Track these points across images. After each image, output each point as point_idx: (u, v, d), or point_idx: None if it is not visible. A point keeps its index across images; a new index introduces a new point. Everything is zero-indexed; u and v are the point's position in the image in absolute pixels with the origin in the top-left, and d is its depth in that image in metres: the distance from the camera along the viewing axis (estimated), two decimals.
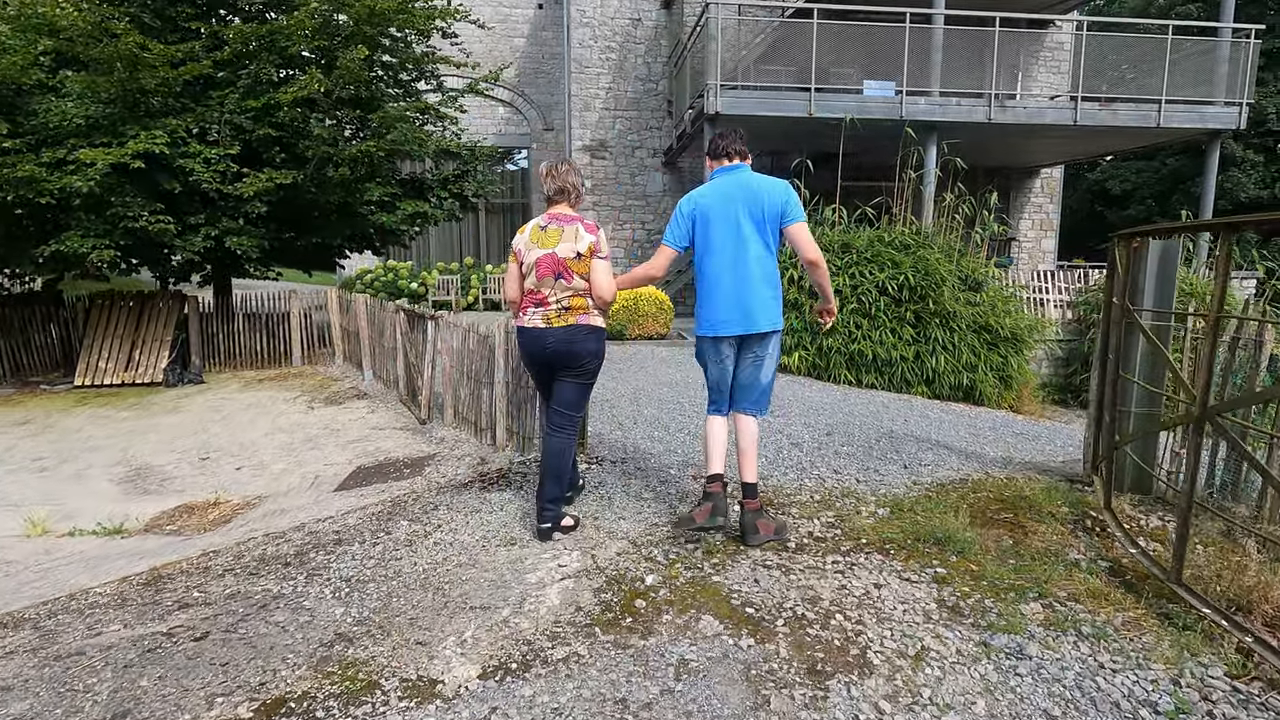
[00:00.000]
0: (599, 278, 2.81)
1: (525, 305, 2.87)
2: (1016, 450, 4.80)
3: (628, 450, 4.18)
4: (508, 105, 16.07)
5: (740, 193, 2.76)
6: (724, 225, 2.76)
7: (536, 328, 2.83)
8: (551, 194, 2.88)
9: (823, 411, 5.31)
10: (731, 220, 2.75)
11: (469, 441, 5.15)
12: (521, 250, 2.85)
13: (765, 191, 2.75)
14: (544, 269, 2.78)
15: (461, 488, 3.77)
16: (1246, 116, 8.85)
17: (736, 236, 2.75)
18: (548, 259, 2.78)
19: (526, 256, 2.83)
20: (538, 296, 2.82)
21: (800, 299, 7.28)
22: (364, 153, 7.17)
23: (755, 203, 2.74)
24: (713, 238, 2.78)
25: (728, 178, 2.82)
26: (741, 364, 2.87)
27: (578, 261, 2.77)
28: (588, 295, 2.82)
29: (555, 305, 2.80)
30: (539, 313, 2.83)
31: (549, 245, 2.79)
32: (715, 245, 2.78)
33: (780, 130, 9.66)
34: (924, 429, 5.13)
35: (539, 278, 2.79)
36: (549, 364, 2.89)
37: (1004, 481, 3.56)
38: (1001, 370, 7.23)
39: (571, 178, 2.88)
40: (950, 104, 8.67)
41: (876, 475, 3.68)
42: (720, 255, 2.77)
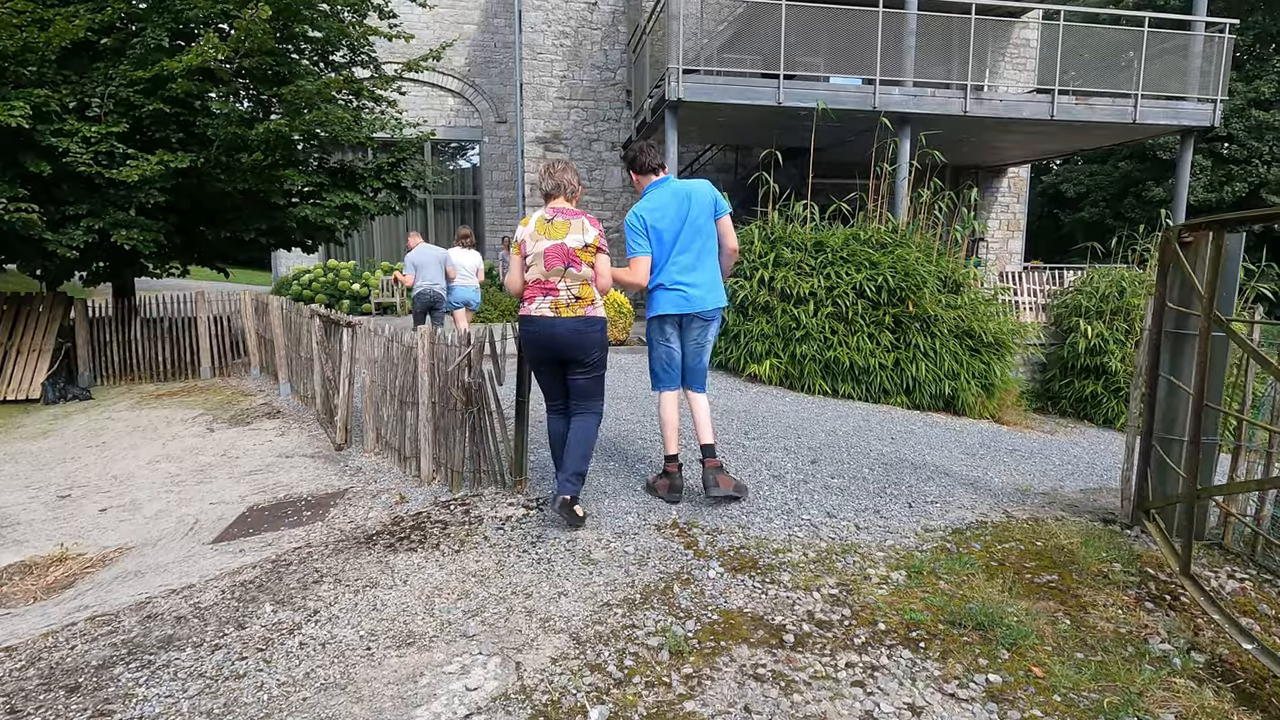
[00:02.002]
0: (601, 269, 2.94)
1: (531, 295, 2.91)
2: (1020, 473, 4.24)
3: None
4: (458, 96, 15.13)
5: (679, 198, 3.10)
6: (672, 229, 3.09)
7: (545, 316, 2.87)
8: (549, 190, 2.99)
9: (802, 431, 4.66)
10: (678, 223, 3.09)
11: (391, 472, 4.34)
12: (526, 242, 2.90)
13: (698, 191, 3.14)
14: (552, 259, 2.86)
15: (365, 543, 2.97)
16: (1221, 114, 8.64)
17: (684, 235, 3.09)
18: (556, 249, 2.86)
19: (532, 248, 2.89)
20: (546, 285, 2.88)
21: (772, 301, 6.65)
22: (275, 133, 6.23)
23: (694, 203, 3.10)
24: (665, 241, 3.10)
25: (662, 189, 3.14)
26: (687, 345, 3.21)
27: (585, 251, 2.89)
28: (593, 284, 2.93)
29: (565, 294, 2.87)
30: (547, 301, 2.87)
31: (557, 236, 2.87)
32: (668, 246, 3.10)
33: (746, 121, 9.05)
34: (915, 450, 4.53)
35: (547, 268, 2.86)
36: (558, 355, 2.91)
37: (1030, 525, 2.95)
38: (984, 378, 6.74)
39: (568, 175, 2.99)
40: (925, 95, 8.19)
41: (878, 519, 3.03)
42: (673, 252, 3.10)
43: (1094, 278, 8.24)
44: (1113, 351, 7.59)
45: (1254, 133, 18.15)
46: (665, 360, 3.19)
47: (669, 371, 3.20)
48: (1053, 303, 8.90)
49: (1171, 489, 2.75)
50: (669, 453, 3.17)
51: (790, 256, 6.80)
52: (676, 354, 3.18)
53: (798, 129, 8.21)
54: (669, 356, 3.18)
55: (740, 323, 6.75)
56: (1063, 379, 8.09)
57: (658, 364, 3.22)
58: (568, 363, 2.93)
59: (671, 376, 3.21)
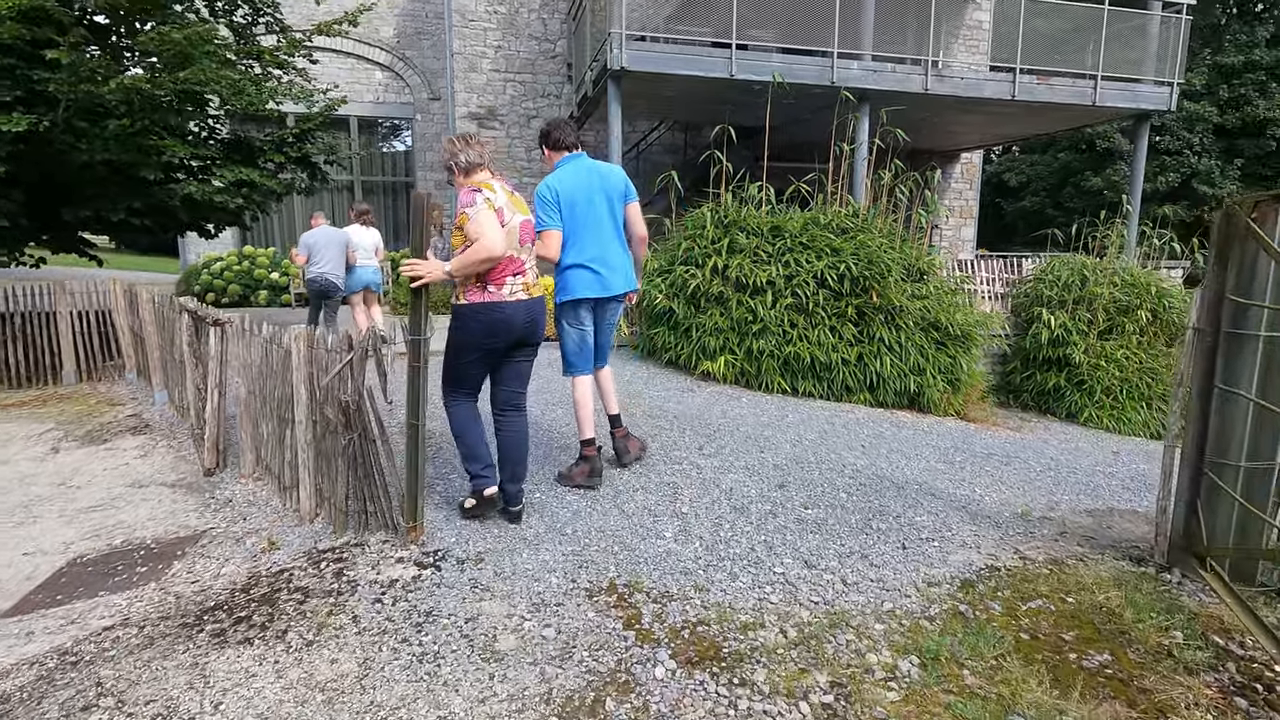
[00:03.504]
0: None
1: (502, 277, 2.58)
2: (1007, 485, 3.74)
3: (488, 533, 2.70)
4: (386, 70, 13.91)
5: (591, 176, 3.01)
6: (585, 204, 2.97)
7: (519, 300, 2.62)
8: (474, 161, 2.68)
9: (764, 443, 4.04)
10: (590, 200, 2.98)
11: (268, 505, 3.51)
12: (504, 209, 2.59)
13: (611, 174, 3.07)
14: (525, 234, 2.68)
15: (191, 626, 2.17)
16: (1177, 98, 8.47)
17: (596, 213, 2.99)
18: (527, 224, 2.70)
19: (510, 219, 2.60)
20: (517, 264, 2.64)
21: (726, 292, 6.02)
22: (137, 92, 5.19)
23: (606, 183, 3.03)
24: (576, 216, 2.96)
25: (575, 164, 3.02)
26: (601, 325, 3.16)
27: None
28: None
29: (531, 274, 2.71)
30: (520, 282, 2.64)
31: (524, 210, 2.69)
32: (579, 222, 2.97)
33: (696, 96, 8.37)
34: (890, 460, 3.98)
35: (520, 244, 2.64)
36: (517, 341, 2.67)
37: (1051, 572, 2.38)
38: (950, 372, 6.29)
39: (483, 145, 2.74)
40: (884, 71, 7.70)
41: (869, 568, 2.41)
42: (584, 230, 2.98)
43: (1055, 266, 7.94)
44: (1075, 343, 7.29)
45: (1186, 124, 18.61)
46: (579, 344, 3.08)
47: (583, 356, 3.11)
48: (1013, 292, 8.59)
49: (1223, 524, 2.23)
50: (585, 437, 3.10)
51: (745, 242, 6.18)
52: (590, 337, 3.10)
53: (751, 106, 7.60)
54: (583, 340, 3.08)
55: (692, 315, 6.10)
56: (1024, 371, 7.78)
57: (571, 350, 3.10)
58: (516, 348, 2.70)
59: (586, 360, 3.13)
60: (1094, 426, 7.06)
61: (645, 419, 4.43)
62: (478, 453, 2.71)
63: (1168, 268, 8.81)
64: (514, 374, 2.74)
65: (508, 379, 2.74)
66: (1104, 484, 4.27)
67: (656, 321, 6.41)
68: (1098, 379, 7.17)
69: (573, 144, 3.05)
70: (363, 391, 2.59)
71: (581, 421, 3.10)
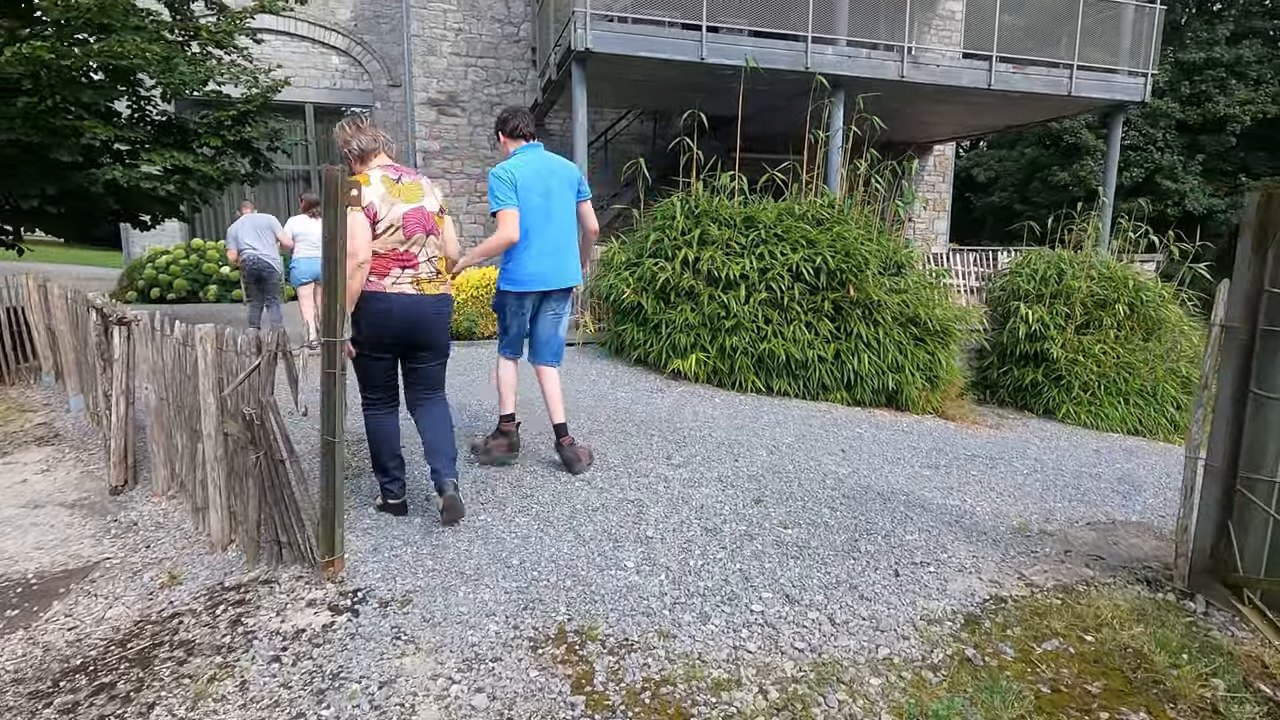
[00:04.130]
0: (450, 234, 2.66)
1: (384, 268, 2.43)
2: (996, 492, 3.48)
3: (420, 565, 2.32)
4: (343, 55, 13.26)
5: (546, 167, 2.99)
6: (536, 194, 2.92)
7: (406, 294, 2.45)
8: (368, 146, 2.54)
9: (738, 449, 3.72)
10: (542, 190, 2.94)
11: (179, 529, 3.08)
12: (376, 204, 2.40)
13: (565, 168, 3.06)
14: (414, 226, 2.47)
15: (43, 696, 1.77)
16: (1150, 89, 8.38)
17: (547, 204, 2.96)
18: (417, 214, 2.48)
19: (386, 212, 2.41)
20: (404, 257, 2.45)
21: (697, 286, 5.69)
22: (40, 64, 4.64)
23: (560, 177, 3.02)
24: (532, 204, 2.91)
25: (531, 154, 3.00)
26: (542, 319, 3.11)
27: (440, 217, 2.59)
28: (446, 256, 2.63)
29: (428, 268, 2.52)
30: (408, 275, 2.46)
31: (414, 199, 2.50)
32: (531, 213, 2.91)
33: (665, 82, 8.02)
34: (872, 466, 3.70)
35: (408, 235, 2.45)
36: (409, 339, 2.52)
37: (1064, 604, 2.10)
38: (929, 369, 6.06)
39: (378, 130, 2.61)
40: (859, 57, 7.43)
41: (860, 602, 2.10)
42: (535, 221, 2.92)
43: (1031, 259, 7.78)
44: (1053, 337, 7.12)
45: (1149, 120, 18.83)
46: (518, 333, 3.10)
47: (516, 344, 3.13)
48: (988, 285, 8.43)
49: (1256, 546, 1.96)
50: (505, 412, 3.11)
51: (717, 234, 5.86)
52: (527, 327, 3.12)
53: (723, 93, 7.28)
54: (521, 330, 3.10)
55: (661, 311, 5.76)
56: (1001, 366, 7.60)
57: (511, 335, 3.10)
58: (418, 348, 2.56)
59: (517, 350, 3.15)
60: (1072, 423, 6.91)
61: (610, 424, 4.08)
62: (382, 463, 2.62)
63: (1141, 261, 8.74)
64: (418, 377, 2.61)
65: (413, 382, 2.62)
66: (1093, 487, 4.06)
67: (624, 317, 6.07)
68: (1076, 374, 7.02)
69: (530, 134, 3.04)
70: (265, 403, 2.19)
71: (503, 397, 3.10)
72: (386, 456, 2.59)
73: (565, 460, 3.13)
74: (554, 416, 3.13)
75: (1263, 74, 19.06)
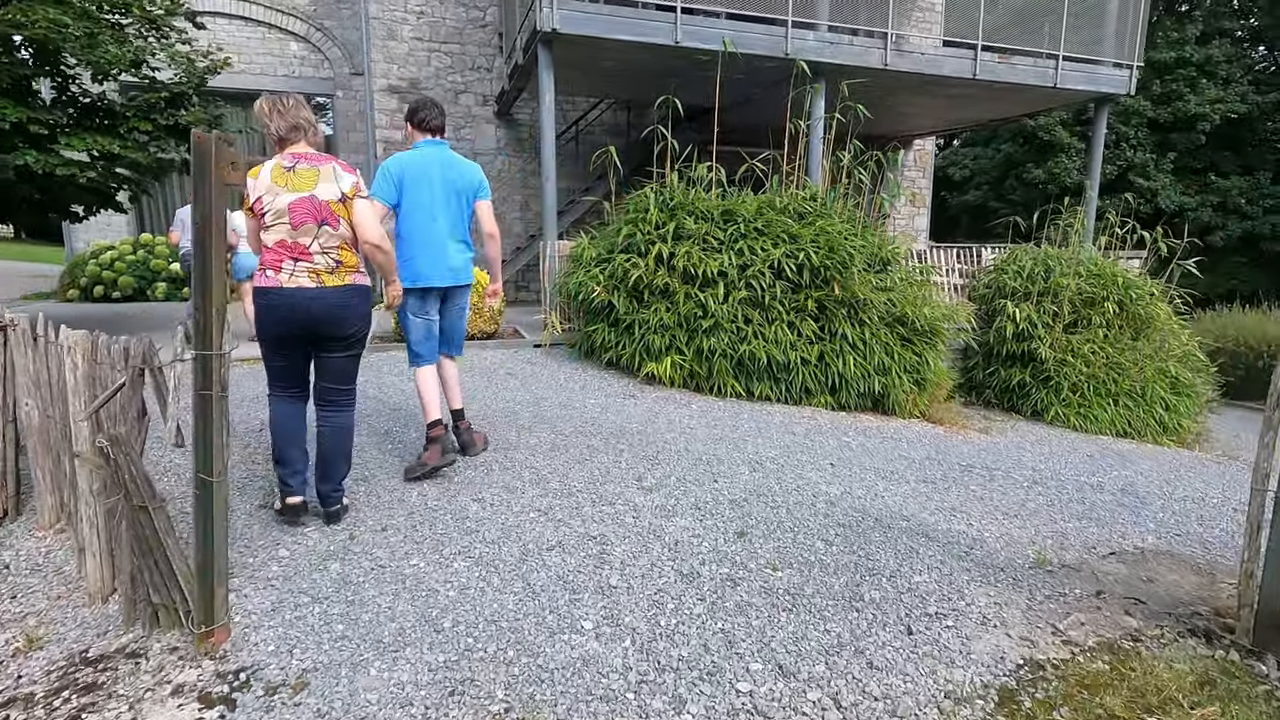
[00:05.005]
0: (364, 218, 2.43)
1: (276, 261, 2.34)
2: (1000, 510, 3.16)
3: (329, 629, 1.88)
4: (302, 41, 12.57)
5: (443, 166, 2.99)
6: (431, 190, 2.94)
7: (303, 288, 2.34)
8: (284, 133, 2.40)
9: (717, 466, 3.32)
10: (438, 186, 2.96)
11: (59, 574, 2.58)
12: (262, 196, 2.34)
13: (465, 166, 3.07)
14: (302, 215, 2.34)
15: None
16: (1136, 81, 8.19)
17: (436, 203, 2.97)
18: (305, 203, 2.35)
19: (271, 202, 2.33)
20: (296, 249, 2.34)
21: (673, 284, 5.28)
22: None
23: (457, 174, 3.02)
24: (421, 200, 2.94)
25: (432, 149, 3.00)
26: (447, 314, 3.15)
27: (342, 205, 2.40)
28: (354, 247, 2.45)
29: (324, 259, 2.38)
30: (302, 268, 2.35)
31: (304, 188, 2.36)
32: (423, 207, 2.95)
33: (638, 68, 7.59)
34: (865, 484, 3.34)
35: (295, 226, 2.34)
36: (312, 333, 2.39)
37: (1118, 671, 1.73)
38: (916, 371, 5.74)
39: (305, 113, 2.45)
40: (842, 42, 7.10)
41: (870, 676, 1.70)
42: (429, 216, 2.95)
43: (1017, 256, 7.52)
44: (1041, 337, 6.87)
45: (1122, 117, 18.91)
46: (426, 334, 3.04)
47: (429, 345, 3.07)
48: (973, 283, 8.16)
49: None
50: (431, 419, 3.03)
51: (694, 228, 5.46)
52: (436, 326, 3.09)
53: (699, 82, 6.89)
54: (429, 330, 3.05)
55: (634, 311, 5.35)
56: (987, 366, 7.34)
57: (416, 340, 3.04)
58: (322, 341, 2.45)
59: (431, 350, 3.09)
60: (1061, 425, 6.66)
61: (576, 437, 3.66)
62: (284, 455, 2.46)
63: (1128, 258, 8.55)
64: (326, 369, 2.50)
65: (321, 374, 2.52)
66: (1099, 501, 3.77)
67: (595, 318, 5.64)
68: (1065, 375, 6.77)
69: (437, 128, 3.03)
70: (121, 437, 1.73)
71: (426, 404, 3.03)
72: (287, 445, 2.46)
73: (461, 444, 3.19)
74: (452, 402, 3.18)
75: (1231, 73, 19.26)
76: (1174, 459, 5.54)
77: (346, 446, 2.54)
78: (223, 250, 1.68)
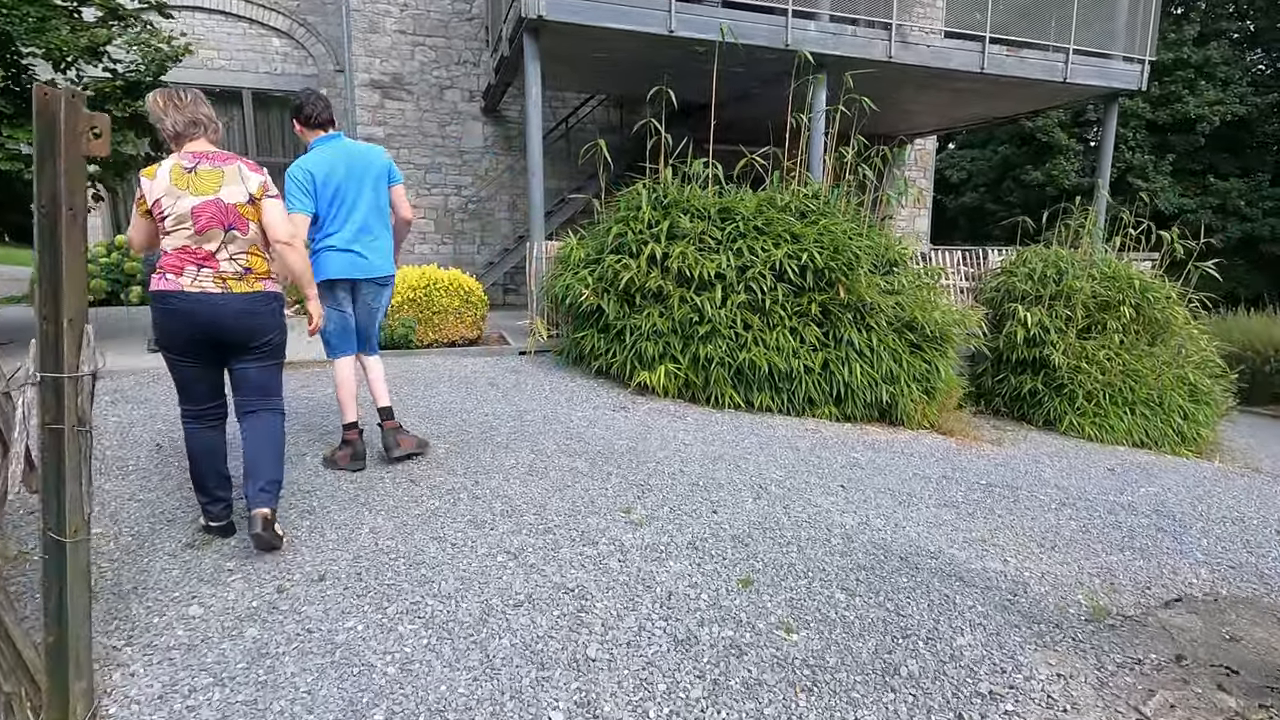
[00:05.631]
0: (274, 218, 2.28)
1: (179, 265, 2.17)
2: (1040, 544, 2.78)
3: None
4: (285, 37, 12.16)
5: (348, 157, 2.92)
6: (339, 186, 2.87)
7: (208, 293, 2.17)
8: (181, 129, 2.22)
9: (719, 493, 2.94)
10: (346, 181, 2.89)
11: None
12: (161, 199, 2.15)
13: (370, 154, 3.01)
14: (206, 220, 2.17)
15: None
16: (1148, 76, 7.89)
17: (351, 195, 2.91)
18: (210, 207, 2.18)
19: (172, 206, 2.15)
20: (199, 254, 2.19)
21: (667, 286, 4.90)
22: None
23: (364, 165, 2.95)
24: (331, 197, 2.86)
25: (332, 144, 2.94)
26: (360, 308, 3.05)
27: (250, 207, 2.25)
28: (264, 250, 2.31)
29: (231, 265, 2.22)
30: (208, 274, 2.19)
31: (207, 190, 2.19)
32: (334, 204, 2.87)
33: (631, 60, 7.22)
34: (885, 514, 2.96)
35: (200, 231, 2.17)
36: (219, 341, 2.24)
37: None
38: (926, 379, 5.38)
39: (204, 108, 2.27)
40: (845, 33, 6.75)
41: None
42: (339, 211, 2.88)
43: (1027, 257, 7.18)
44: (1054, 343, 6.52)
45: (1120, 119, 18.68)
46: (339, 327, 3.00)
47: (343, 338, 3.03)
48: (980, 286, 7.82)
49: None
50: (348, 421, 3.02)
51: (689, 226, 5.08)
52: (350, 319, 3.03)
53: (694, 76, 6.54)
54: (343, 323, 3.01)
55: (625, 315, 4.96)
56: (996, 373, 6.99)
57: (331, 332, 2.99)
58: (234, 350, 2.29)
59: (347, 342, 3.04)
60: (1075, 435, 6.31)
61: (559, 456, 3.27)
62: (199, 481, 2.34)
63: (1141, 260, 8.23)
64: (242, 382, 2.34)
65: (238, 387, 2.36)
66: (1135, 525, 3.42)
67: (583, 323, 5.25)
68: (1079, 383, 6.42)
69: (328, 121, 2.97)
70: None
71: (343, 404, 3.00)
72: (206, 474, 2.31)
73: (385, 445, 3.08)
74: (378, 400, 3.10)
75: (1230, 75, 19.08)
76: (1197, 472, 5.21)
77: (277, 452, 2.37)
78: (79, 243, 1.29)
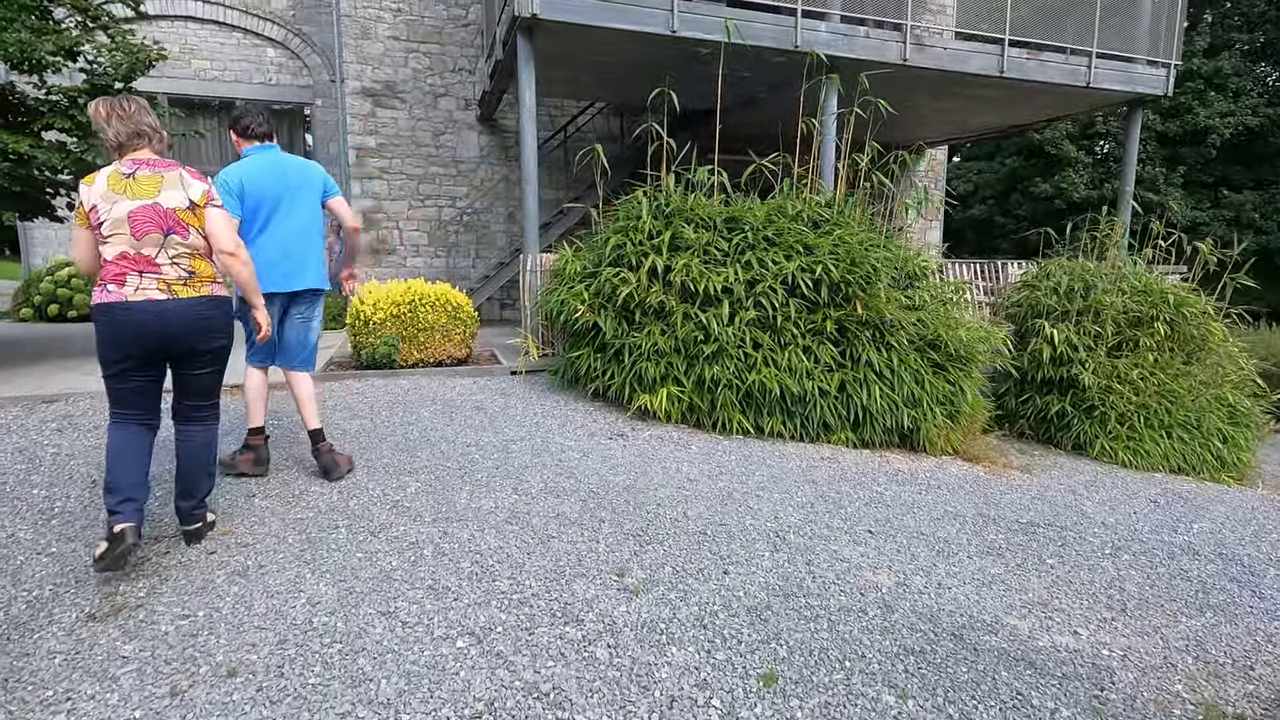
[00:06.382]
0: (218, 227, 2.27)
1: (119, 274, 2.14)
2: (1110, 608, 2.36)
3: None
4: (280, 47, 11.91)
5: (281, 170, 2.89)
6: (269, 199, 2.84)
7: (152, 300, 2.16)
8: (124, 139, 2.18)
9: (729, 546, 2.51)
10: (274, 192, 2.86)
11: None
12: (98, 204, 2.12)
13: (305, 168, 2.98)
14: (144, 224, 2.15)
15: None
16: (1173, 81, 7.52)
17: (281, 208, 2.87)
18: (146, 211, 2.15)
19: (108, 211, 2.12)
20: (139, 261, 2.16)
21: (669, 302, 4.50)
22: None
23: (298, 178, 2.92)
24: (259, 210, 2.83)
25: (262, 156, 2.91)
26: (290, 322, 2.99)
27: (191, 213, 2.21)
28: (208, 256, 2.29)
29: (174, 270, 2.20)
30: (151, 280, 2.16)
31: (145, 195, 2.15)
32: (262, 216, 2.84)
33: (631, 63, 6.87)
34: (925, 571, 2.53)
35: (137, 236, 2.15)
36: (166, 351, 2.21)
37: None
38: (950, 402, 4.95)
39: (149, 118, 2.23)
40: (857, 35, 6.40)
41: None
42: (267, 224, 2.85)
43: (1051, 270, 6.78)
44: (1083, 361, 6.10)
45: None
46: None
47: (263, 348, 2.91)
48: (1002, 300, 7.39)
49: None
50: (254, 425, 2.96)
51: (694, 237, 4.69)
52: (274, 332, 2.88)
53: (698, 80, 6.19)
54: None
55: (624, 334, 4.55)
56: (1020, 394, 6.56)
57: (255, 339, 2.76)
58: (180, 358, 2.24)
59: (264, 354, 2.94)
60: (1107, 460, 5.86)
61: (545, 498, 2.85)
62: (115, 483, 2.16)
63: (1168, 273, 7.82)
64: (186, 387, 2.32)
65: (180, 392, 2.33)
66: (1205, 575, 3.01)
67: (579, 341, 4.84)
68: (1111, 404, 5.98)
69: (265, 134, 2.94)
70: None
71: (251, 410, 2.96)
72: (117, 471, 2.14)
73: (322, 467, 2.99)
74: (308, 423, 3.00)
75: (1241, 86, 18.77)
76: (1244, 501, 4.77)
77: (209, 461, 2.37)
78: None
